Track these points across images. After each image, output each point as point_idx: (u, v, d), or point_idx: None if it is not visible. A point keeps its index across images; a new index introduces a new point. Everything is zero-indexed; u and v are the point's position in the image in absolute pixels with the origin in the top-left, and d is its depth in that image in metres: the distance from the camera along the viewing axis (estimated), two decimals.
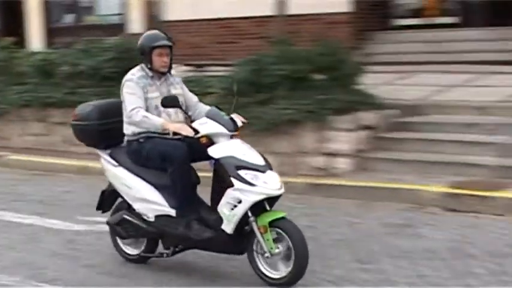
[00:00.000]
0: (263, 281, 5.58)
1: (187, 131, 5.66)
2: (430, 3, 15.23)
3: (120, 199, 6.22)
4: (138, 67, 6.09)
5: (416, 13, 15.22)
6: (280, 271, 5.50)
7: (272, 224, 5.44)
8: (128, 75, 6.02)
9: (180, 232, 5.74)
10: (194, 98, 6.23)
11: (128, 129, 6.00)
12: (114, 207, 6.35)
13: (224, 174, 5.51)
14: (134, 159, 6.00)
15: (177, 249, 5.96)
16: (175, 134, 5.72)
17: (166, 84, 6.08)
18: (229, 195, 5.46)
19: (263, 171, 5.49)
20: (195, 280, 5.90)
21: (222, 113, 5.73)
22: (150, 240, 6.15)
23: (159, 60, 5.98)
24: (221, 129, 5.63)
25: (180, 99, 5.95)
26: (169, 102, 5.78)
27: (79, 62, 11.39)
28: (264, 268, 5.58)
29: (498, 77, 11.42)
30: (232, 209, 5.45)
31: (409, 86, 11.34)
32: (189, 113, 6.07)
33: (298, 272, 5.43)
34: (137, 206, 5.99)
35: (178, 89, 6.12)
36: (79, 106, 6.43)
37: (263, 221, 5.45)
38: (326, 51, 9.56)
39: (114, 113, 6.13)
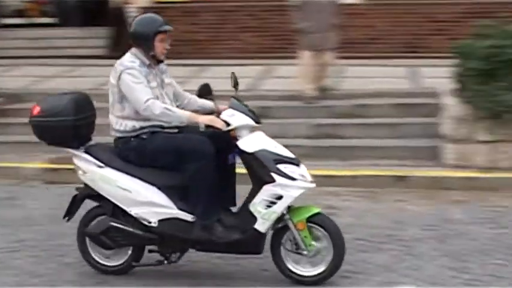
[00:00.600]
0: (289, 279, 4.88)
1: (219, 124, 4.73)
2: (32, 5, 15.47)
3: (92, 205, 5.11)
4: (129, 54, 4.94)
5: (20, 13, 15.37)
6: (313, 268, 4.85)
7: (309, 219, 4.77)
8: (126, 63, 4.84)
9: (196, 236, 4.79)
10: (179, 87, 5.25)
11: (123, 125, 4.86)
12: (85, 214, 5.13)
13: (258, 169, 4.70)
14: (133, 158, 4.87)
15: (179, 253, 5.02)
16: (207, 127, 4.74)
17: (159, 72, 5.04)
18: (268, 191, 4.66)
19: (297, 165, 4.79)
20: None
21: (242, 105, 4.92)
22: (136, 248, 5.08)
23: (161, 46, 4.92)
24: (249, 121, 4.80)
25: (171, 88, 5.11)
26: (206, 90, 5.07)
27: None
28: (293, 266, 4.87)
29: (92, 68, 11.95)
30: (268, 206, 4.66)
31: (14, 77, 11.43)
32: (177, 103, 5.11)
33: (334, 270, 4.82)
34: (136, 211, 4.86)
35: (169, 78, 5.13)
36: (45, 99, 5.11)
37: (300, 217, 4.76)
38: None
39: (87, 107, 5.07)
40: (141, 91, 4.75)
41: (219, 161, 4.85)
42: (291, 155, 4.80)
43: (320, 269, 4.84)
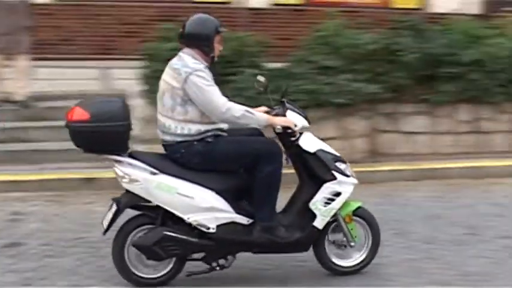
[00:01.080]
0: (330, 271, 5.15)
1: (292, 124, 4.83)
2: None
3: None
4: (188, 56, 4.72)
5: None
6: (353, 259, 5.19)
7: (353, 213, 5.09)
8: (192, 65, 4.64)
9: (257, 238, 4.78)
10: None
11: (186, 128, 4.67)
12: (121, 227, 4.77)
13: (319, 168, 4.90)
14: (196, 162, 4.69)
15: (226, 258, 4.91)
16: (285, 128, 4.82)
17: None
18: (328, 189, 4.88)
19: (345, 162, 5.03)
20: None
21: None
22: (180, 257, 4.84)
23: (218, 47, 4.81)
24: (306, 123, 4.95)
25: None
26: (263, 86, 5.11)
27: None
28: (336, 258, 5.15)
29: None
30: (327, 203, 4.88)
31: None
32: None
33: (371, 259, 5.21)
34: (196, 218, 4.67)
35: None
36: (91, 104, 4.72)
37: (347, 211, 5.04)
38: None
39: (129, 112, 4.75)
40: (216, 93, 4.64)
41: None
42: (338, 154, 5.05)
43: (359, 259, 5.19)
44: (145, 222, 4.79)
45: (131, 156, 4.72)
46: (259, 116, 4.76)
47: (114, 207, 4.71)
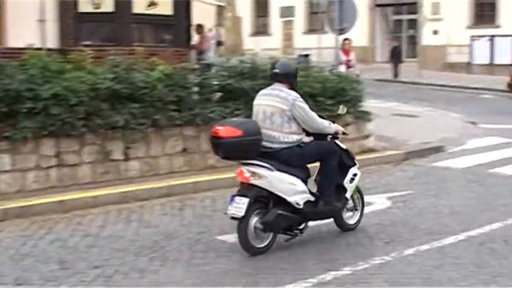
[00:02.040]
0: (343, 229, 7.50)
1: (346, 131, 7.46)
2: None
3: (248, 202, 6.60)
4: (285, 89, 6.96)
5: None
6: (353, 218, 7.59)
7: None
8: (294, 94, 6.94)
9: (323, 210, 7.05)
10: None
11: (290, 138, 6.86)
12: (244, 214, 6.54)
13: (347, 158, 7.32)
14: (294, 160, 6.83)
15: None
16: (344, 134, 7.34)
17: None
18: (352, 171, 7.32)
19: None
20: None
21: None
22: (276, 231, 6.82)
23: None
24: None
25: None
26: None
27: None
28: (347, 219, 7.50)
29: None
30: (351, 181, 7.29)
31: None
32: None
33: (362, 218, 7.67)
34: (295, 198, 6.81)
35: None
36: (240, 123, 6.83)
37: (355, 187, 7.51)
38: None
39: None
40: (313, 112, 6.98)
41: None
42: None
43: (355, 219, 7.61)
44: (258, 207, 6.66)
45: (257, 161, 6.66)
46: (333, 125, 7.15)
47: (245, 200, 6.53)
